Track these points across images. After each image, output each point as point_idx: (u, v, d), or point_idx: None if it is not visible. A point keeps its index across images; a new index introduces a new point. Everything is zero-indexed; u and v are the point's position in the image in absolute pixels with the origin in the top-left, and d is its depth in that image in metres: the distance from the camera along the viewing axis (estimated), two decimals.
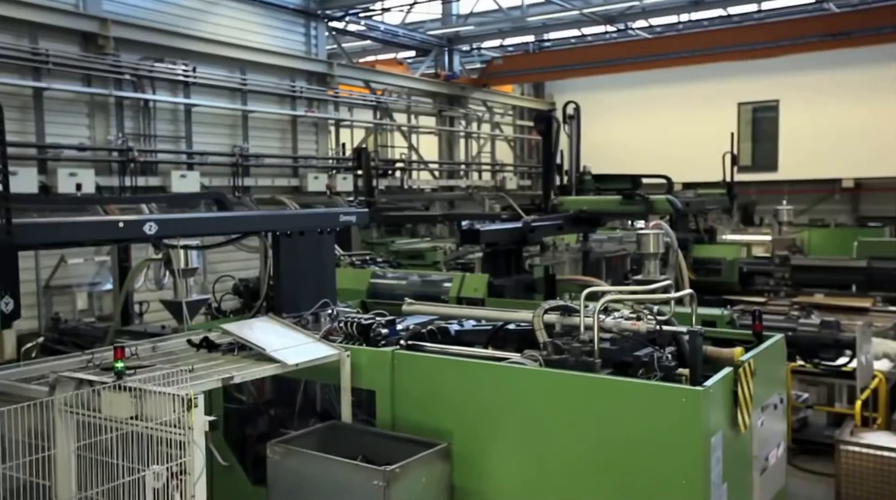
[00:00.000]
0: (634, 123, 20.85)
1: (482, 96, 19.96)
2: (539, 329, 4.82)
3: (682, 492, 4.06)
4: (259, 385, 6.18)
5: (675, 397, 4.08)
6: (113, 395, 3.63)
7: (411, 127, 18.42)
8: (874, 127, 19.08)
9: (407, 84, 18.15)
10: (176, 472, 3.52)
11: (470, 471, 4.70)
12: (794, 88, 19.90)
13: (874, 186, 19.60)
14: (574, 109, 11.42)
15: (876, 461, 6.13)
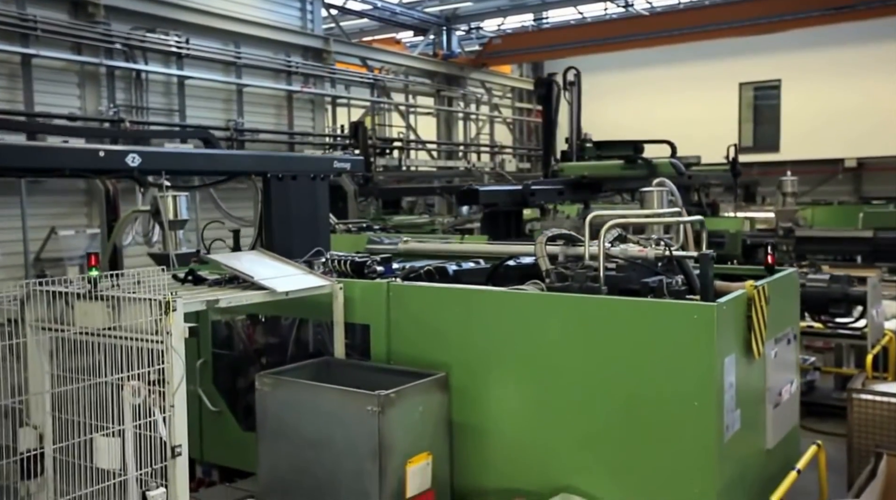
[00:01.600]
0: (635, 104, 20.62)
1: (481, 77, 19.73)
2: (542, 256, 4.58)
3: (695, 416, 3.83)
4: (250, 333, 5.96)
5: (687, 314, 3.84)
6: (86, 304, 3.40)
7: (409, 106, 18.17)
8: (877, 106, 18.87)
9: (404, 62, 17.91)
10: (155, 382, 3.28)
11: (469, 405, 4.47)
12: (795, 68, 19.68)
13: (877, 166, 19.39)
14: (574, 75, 11.18)
15: (888, 408, 5.92)
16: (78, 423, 3.55)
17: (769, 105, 20.43)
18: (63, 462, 3.62)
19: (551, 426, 4.25)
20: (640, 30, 17.17)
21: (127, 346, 3.37)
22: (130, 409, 3.42)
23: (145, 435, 3.39)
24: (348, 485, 4.08)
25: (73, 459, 3.58)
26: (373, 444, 3.97)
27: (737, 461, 4.09)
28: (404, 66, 18.00)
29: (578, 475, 4.16)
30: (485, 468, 4.45)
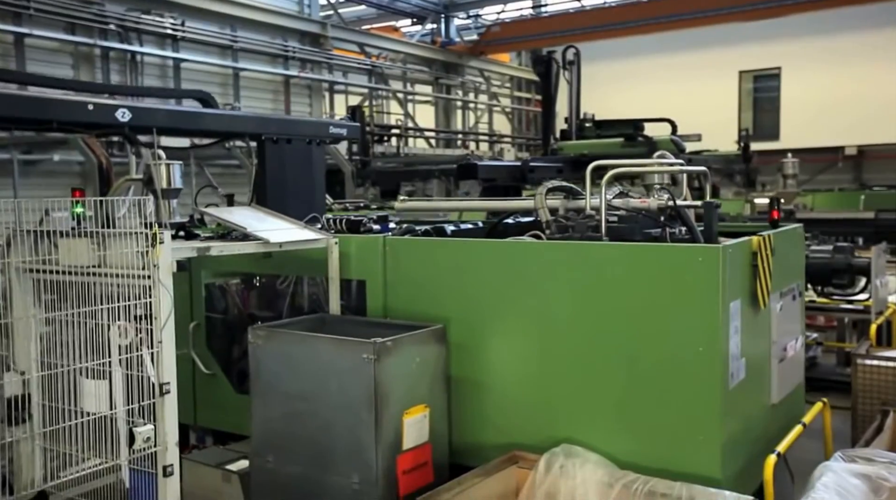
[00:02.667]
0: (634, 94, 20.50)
1: (479, 65, 19.62)
2: (541, 207, 4.48)
3: (700, 361, 3.72)
4: (244, 297, 5.86)
5: (692, 257, 3.74)
6: (71, 241, 3.28)
7: (407, 93, 18.06)
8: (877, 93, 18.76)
9: (402, 49, 17.80)
10: (142, 317, 3.17)
11: (468, 360, 4.36)
12: (795, 55, 19.57)
13: (877, 154, 19.29)
14: (574, 54, 11.08)
15: (892, 373, 5.82)
16: (65, 367, 3.44)
17: (769, 93, 20.32)
18: (50, 408, 3.51)
19: (552, 378, 4.14)
20: (638, 16, 17.06)
21: (114, 283, 3.26)
22: (118, 350, 3.31)
23: (133, 376, 3.28)
24: (344, 437, 3.97)
25: (60, 404, 3.47)
26: (368, 393, 3.86)
27: (742, 412, 3.99)
28: (402, 53, 17.89)
29: (580, 427, 4.05)
30: (483, 424, 4.35)
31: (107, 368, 3.34)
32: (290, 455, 4.15)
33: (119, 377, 3.30)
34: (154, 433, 3.11)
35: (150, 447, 3.13)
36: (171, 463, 3.18)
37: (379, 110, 17.61)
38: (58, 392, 3.46)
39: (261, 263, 5.11)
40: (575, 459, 3.90)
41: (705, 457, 3.73)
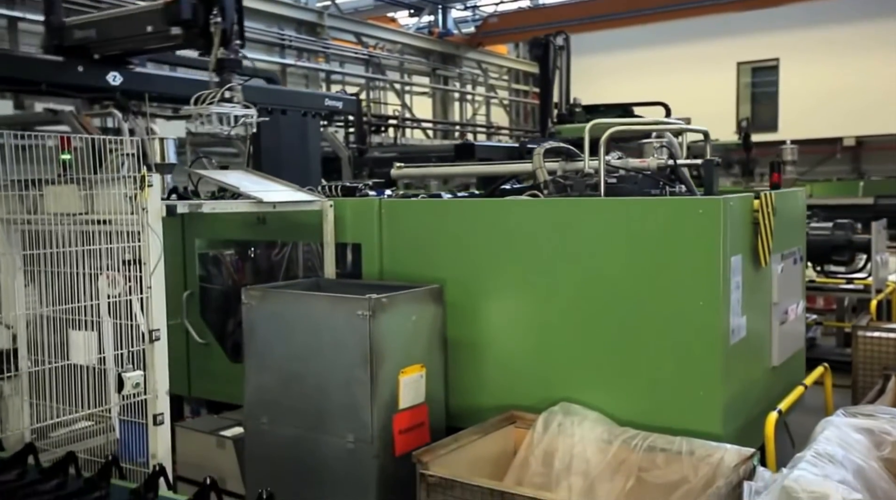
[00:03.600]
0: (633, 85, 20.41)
1: (477, 57, 19.55)
2: (539, 167, 4.41)
3: (700, 315, 3.66)
4: (239, 268, 5.79)
5: (692, 209, 3.68)
6: (58, 188, 3.21)
7: (404, 83, 18.00)
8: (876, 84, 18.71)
9: (400, 39, 17.73)
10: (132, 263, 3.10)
11: (465, 322, 4.30)
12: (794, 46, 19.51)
13: (876, 145, 19.24)
14: (564, 39, 11.03)
15: (893, 344, 5.77)
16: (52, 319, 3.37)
17: (767, 84, 20.27)
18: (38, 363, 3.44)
19: (550, 339, 4.08)
20: (637, 6, 17.00)
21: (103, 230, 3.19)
22: (107, 300, 3.24)
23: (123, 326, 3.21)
24: (339, 397, 3.90)
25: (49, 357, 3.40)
26: (364, 350, 3.79)
27: (742, 371, 3.93)
28: (400, 43, 17.82)
29: (578, 387, 3.99)
30: (481, 386, 4.28)
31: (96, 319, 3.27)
32: (285, 416, 4.08)
33: (109, 328, 3.23)
34: (144, 379, 3.05)
35: (140, 393, 3.06)
36: (162, 412, 3.12)
37: (376, 101, 17.54)
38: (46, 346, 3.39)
39: (255, 229, 5.05)
40: (573, 417, 3.84)
41: (706, 413, 3.67)
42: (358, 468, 3.84)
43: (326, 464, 3.93)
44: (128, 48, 5.14)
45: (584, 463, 3.68)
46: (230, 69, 4.58)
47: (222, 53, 4.59)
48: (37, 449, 3.18)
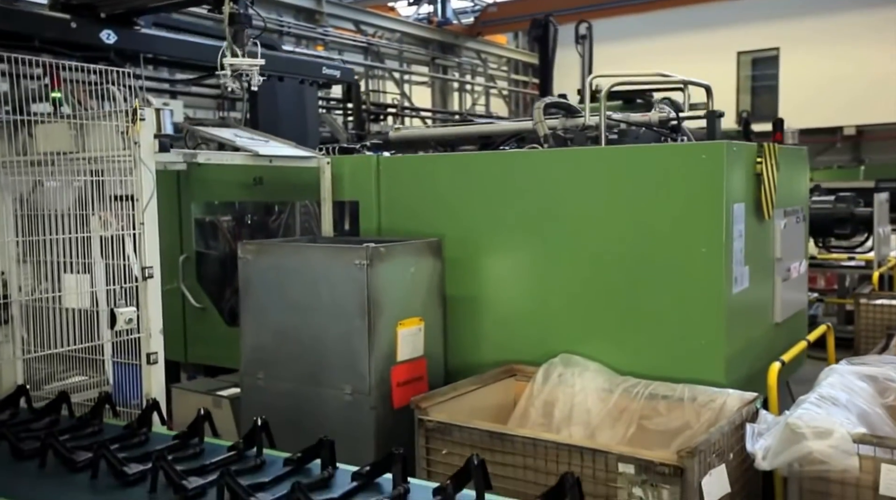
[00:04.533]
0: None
1: (476, 47, 19.50)
2: (539, 121, 4.36)
3: (703, 262, 3.61)
4: (236, 233, 5.73)
5: (695, 155, 3.63)
6: (49, 126, 3.15)
7: (403, 72, 17.95)
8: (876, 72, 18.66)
9: (398, 28, 17.67)
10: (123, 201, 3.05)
11: (464, 278, 4.25)
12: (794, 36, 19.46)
13: (876, 134, 19.19)
14: (587, 27, 10.98)
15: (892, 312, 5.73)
16: (45, 264, 3.31)
17: (768, 78, 20.21)
18: (30, 308, 3.39)
19: (550, 292, 4.03)
20: None
21: (94, 169, 3.13)
22: (99, 241, 3.19)
23: (116, 267, 3.16)
24: (336, 349, 3.85)
25: (42, 304, 3.34)
26: (361, 301, 3.74)
27: (745, 323, 3.87)
28: (398, 32, 17.76)
29: (579, 340, 3.94)
30: (480, 342, 4.23)
31: (89, 262, 3.22)
32: (281, 371, 4.03)
33: (101, 270, 3.18)
34: (137, 315, 2.99)
35: (133, 330, 3.01)
36: (156, 351, 3.06)
37: (375, 90, 17.49)
38: (39, 291, 3.34)
39: (251, 190, 5.00)
40: (574, 368, 3.79)
41: (709, 362, 3.61)
42: (356, 419, 3.79)
43: (324, 417, 3.87)
44: (134, 5, 5.06)
45: (585, 413, 3.63)
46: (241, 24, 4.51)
47: (232, 8, 4.53)
48: (29, 392, 3.14)
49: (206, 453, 2.68)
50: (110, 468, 2.45)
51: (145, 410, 2.79)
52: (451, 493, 2.22)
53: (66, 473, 2.53)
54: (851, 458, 2.75)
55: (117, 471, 2.42)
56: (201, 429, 2.72)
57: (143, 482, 2.42)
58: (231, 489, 2.22)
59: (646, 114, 4.34)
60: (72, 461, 2.52)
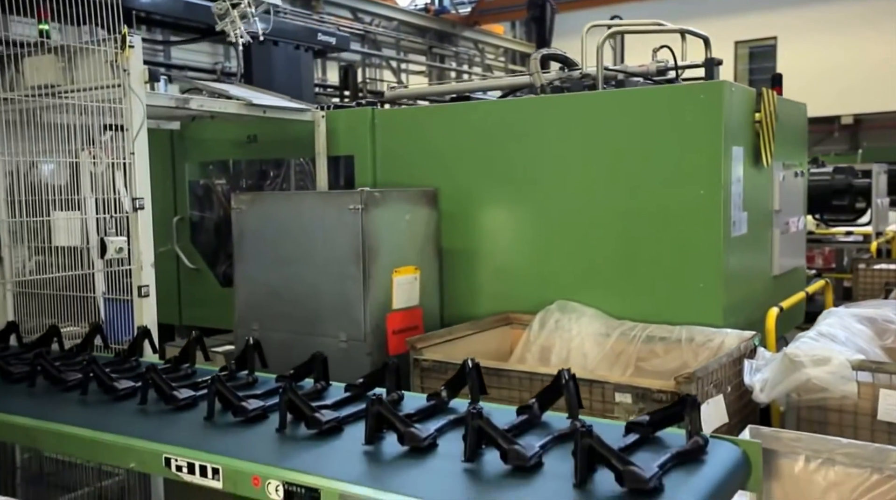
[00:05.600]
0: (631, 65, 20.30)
1: (473, 36, 19.45)
2: (536, 72, 4.32)
3: (701, 205, 3.57)
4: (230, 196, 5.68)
5: (694, 95, 3.59)
6: (37, 59, 3.10)
7: (400, 60, 17.90)
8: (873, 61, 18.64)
9: (395, 16, 17.63)
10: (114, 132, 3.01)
11: (461, 231, 4.21)
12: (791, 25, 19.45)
13: (873, 123, 19.18)
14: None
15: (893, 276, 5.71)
16: (35, 202, 3.27)
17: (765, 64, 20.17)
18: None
19: (547, 241, 4.00)
20: None
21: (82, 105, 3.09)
22: (89, 178, 3.15)
23: (106, 202, 3.12)
24: (331, 296, 3.81)
25: (31, 243, 3.30)
26: (356, 246, 3.70)
27: (743, 270, 3.83)
28: (396, 20, 17.72)
29: (576, 289, 3.89)
30: (477, 294, 4.19)
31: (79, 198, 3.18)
32: (276, 321, 3.99)
33: (91, 205, 3.14)
34: (127, 245, 2.95)
35: (124, 261, 2.97)
36: (147, 284, 3.02)
37: (372, 79, 17.43)
38: (28, 230, 3.30)
39: (245, 149, 4.96)
40: (570, 314, 3.76)
41: (707, 306, 3.57)
42: (351, 366, 3.74)
43: None
44: None
45: (582, 357, 3.59)
46: None
47: None
48: (19, 328, 3.09)
49: (198, 375, 2.64)
50: (100, 386, 2.42)
51: (136, 337, 2.76)
52: (445, 398, 2.19)
53: (57, 393, 2.49)
54: (850, 384, 2.72)
55: (107, 386, 2.38)
56: (193, 354, 2.68)
57: (133, 397, 2.38)
58: (222, 396, 2.18)
59: (644, 64, 4.30)
60: (61, 380, 2.48)
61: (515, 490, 1.71)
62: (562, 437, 1.95)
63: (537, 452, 1.81)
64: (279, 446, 2.01)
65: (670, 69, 4.23)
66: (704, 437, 1.84)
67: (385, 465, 1.89)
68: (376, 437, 1.98)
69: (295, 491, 1.69)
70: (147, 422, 2.23)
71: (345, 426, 2.11)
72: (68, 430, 2.12)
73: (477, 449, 1.86)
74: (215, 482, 1.81)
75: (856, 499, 1.95)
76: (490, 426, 1.84)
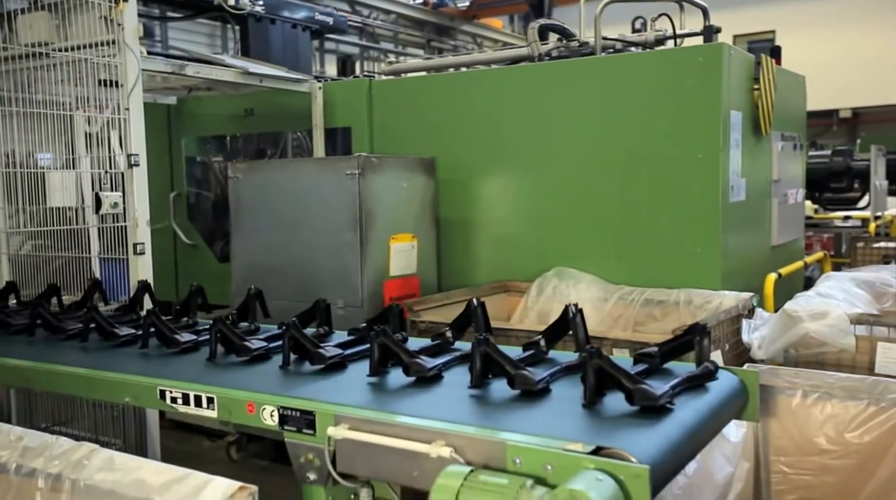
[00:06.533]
0: None
1: (472, 30, 19.43)
2: (534, 41, 4.30)
3: (699, 169, 3.56)
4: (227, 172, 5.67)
5: (692, 58, 3.58)
6: (30, 16, 3.08)
7: (398, 53, 17.87)
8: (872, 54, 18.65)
9: (394, 9, 17.61)
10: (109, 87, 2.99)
11: (459, 201, 4.21)
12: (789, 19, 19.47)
13: (872, 116, 19.18)
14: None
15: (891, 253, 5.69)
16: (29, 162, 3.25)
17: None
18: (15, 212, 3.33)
19: (544, 209, 3.99)
20: None
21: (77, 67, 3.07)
22: (84, 138, 3.13)
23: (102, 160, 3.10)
24: (328, 263, 3.79)
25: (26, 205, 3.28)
26: (353, 211, 3.68)
27: (741, 237, 3.82)
28: (394, 13, 17.69)
29: (574, 257, 3.88)
30: (474, 264, 4.19)
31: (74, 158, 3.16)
32: (273, 289, 3.90)
33: (86, 164, 3.12)
34: (122, 200, 2.93)
35: (119, 217, 2.95)
36: (143, 241, 3.00)
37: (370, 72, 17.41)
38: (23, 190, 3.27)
39: (242, 122, 4.95)
40: (568, 280, 3.74)
41: (705, 270, 3.56)
42: None
43: None
44: None
45: None
46: None
47: None
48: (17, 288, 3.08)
49: (199, 325, 2.62)
50: (101, 333, 2.40)
51: (136, 291, 2.74)
52: (450, 338, 2.17)
53: (56, 342, 2.46)
54: (848, 337, 2.71)
55: (108, 333, 2.36)
56: (194, 305, 2.66)
57: (134, 344, 2.37)
58: (224, 337, 2.17)
59: (643, 33, 4.29)
60: (61, 328, 2.46)
61: (523, 413, 1.67)
62: (570, 368, 1.93)
63: (545, 377, 1.78)
64: (282, 381, 1.98)
65: (669, 38, 4.21)
66: (714, 363, 1.82)
67: (390, 393, 1.87)
68: (381, 370, 1.96)
69: (290, 415, 1.67)
70: (148, 364, 2.21)
71: (349, 364, 2.09)
72: (63, 369, 2.11)
73: (484, 377, 1.83)
74: (210, 411, 1.80)
75: (852, 430, 1.94)
76: (497, 352, 1.81)
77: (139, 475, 1.41)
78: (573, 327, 2.07)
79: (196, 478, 1.36)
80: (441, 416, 1.61)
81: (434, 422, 1.56)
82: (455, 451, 1.44)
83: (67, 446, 1.54)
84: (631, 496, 1.26)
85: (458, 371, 1.98)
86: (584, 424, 1.58)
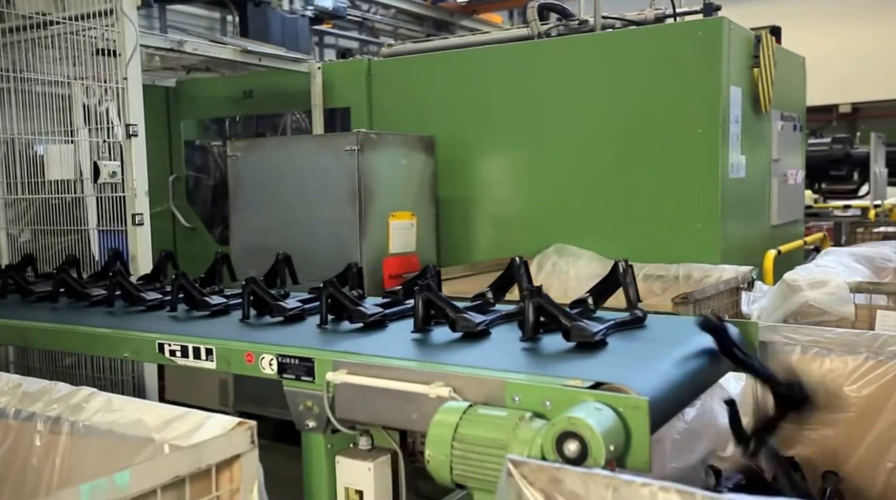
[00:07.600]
0: None
1: (471, 25, 19.41)
2: (533, 20, 4.30)
3: (698, 145, 3.56)
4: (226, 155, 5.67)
5: (692, 32, 3.59)
6: None
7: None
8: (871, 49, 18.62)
9: (394, 3, 17.60)
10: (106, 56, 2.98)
11: (458, 180, 4.21)
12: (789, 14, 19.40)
13: (871, 111, 19.15)
14: None
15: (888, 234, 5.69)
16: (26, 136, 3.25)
17: None
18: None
19: (544, 187, 3.99)
20: None
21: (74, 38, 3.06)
22: (83, 110, 3.13)
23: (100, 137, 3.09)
24: (327, 240, 3.79)
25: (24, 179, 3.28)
26: (352, 187, 3.68)
27: (741, 214, 3.82)
28: (393, 7, 17.67)
29: (574, 234, 3.88)
30: (474, 243, 4.20)
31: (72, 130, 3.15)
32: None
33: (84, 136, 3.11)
34: (121, 167, 2.93)
35: (117, 187, 2.95)
36: (141, 212, 3.00)
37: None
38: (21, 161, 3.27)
39: (241, 104, 4.95)
40: (567, 257, 3.74)
41: (704, 245, 3.57)
42: None
43: None
44: None
45: None
46: None
47: None
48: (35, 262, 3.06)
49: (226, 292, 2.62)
50: (127, 299, 2.39)
51: (159, 260, 2.74)
52: (491, 299, 2.18)
53: (81, 308, 2.44)
54: (847, 305, 2.70)
55: (135, 297, 2.36)
56: (220, 272, 2.66)
57: (161, 308, 2.36)
58: (256, 296, 2.16)
59: (642, 11, 4.28)
60: (86, 294, 2.45)
61: (580, 363, 1.62)
62: (621, 324, 1.91)
63: (602, 329, 1.75)
64: (323, 339, 1.95)
65: (668, 17, 4.21)
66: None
67: (437, 347, 1.82)
68: (425, 327, 1.92)
69: (288, 363, 1.67)
70: (179, 326, 2.19)
71: (389, 322, 2.07)
72: (62, 327, 2.10)
73: (537, 329, 1.78)
74: (209, 362, 1.79)
75: (851, 384, 1.94)
76: (550, 303, 1.79)
77: (138, 415, 1.40)
78: (623, 283, 2.06)
79: (195, 415, 1.36)
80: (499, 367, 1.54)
81: (432, 365, 1.56)
82: (454, 391, 1.44)
83: (66, 390, 1.53)
84: (630, 427, 1.26)
85: (507, 329, 1.96)
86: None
